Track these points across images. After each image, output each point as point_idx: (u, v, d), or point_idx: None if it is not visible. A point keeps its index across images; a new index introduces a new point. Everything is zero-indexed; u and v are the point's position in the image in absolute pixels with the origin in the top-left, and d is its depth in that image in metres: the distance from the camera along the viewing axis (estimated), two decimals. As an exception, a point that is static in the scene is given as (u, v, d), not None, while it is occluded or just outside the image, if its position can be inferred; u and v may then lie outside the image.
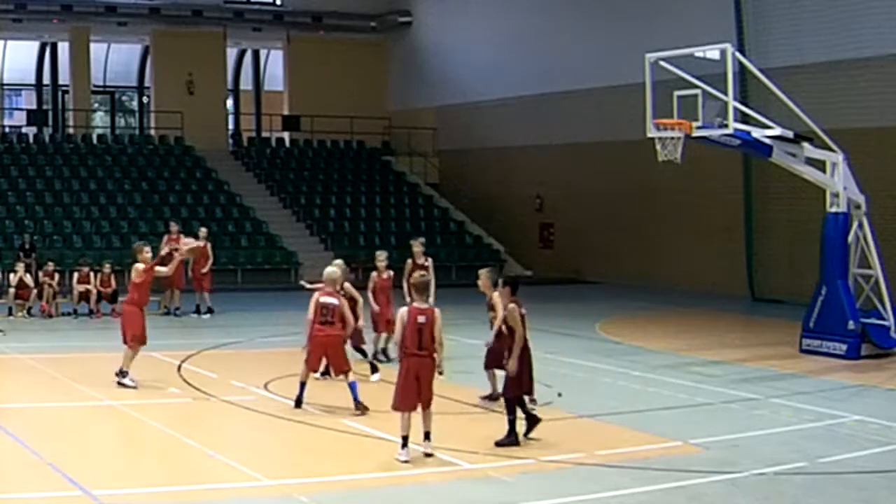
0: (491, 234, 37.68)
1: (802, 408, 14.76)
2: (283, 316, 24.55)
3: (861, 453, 12.17)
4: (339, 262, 16.06)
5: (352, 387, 14.10)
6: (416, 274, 14.37)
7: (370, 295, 18.16)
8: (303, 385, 14.26)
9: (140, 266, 15.94)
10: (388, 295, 18.43)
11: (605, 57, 33.06)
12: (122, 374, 15.57)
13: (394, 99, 43.26)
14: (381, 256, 18.48)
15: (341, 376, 14.44)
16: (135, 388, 15.35)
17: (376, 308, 18.24)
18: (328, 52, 41.72)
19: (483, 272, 14.23)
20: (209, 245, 24.96)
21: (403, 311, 11.82)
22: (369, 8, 42.48)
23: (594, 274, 34.10)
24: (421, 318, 11.61)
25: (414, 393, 11.58)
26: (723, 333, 23.12)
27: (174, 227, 25.67)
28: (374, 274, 18.48)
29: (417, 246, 18.57)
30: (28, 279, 24.83)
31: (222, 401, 14.68)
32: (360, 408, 13.92)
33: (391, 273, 18.47)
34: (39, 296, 24.52)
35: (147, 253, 16.16)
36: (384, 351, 18.19)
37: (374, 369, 16.69)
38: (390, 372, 16.28)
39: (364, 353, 17.20)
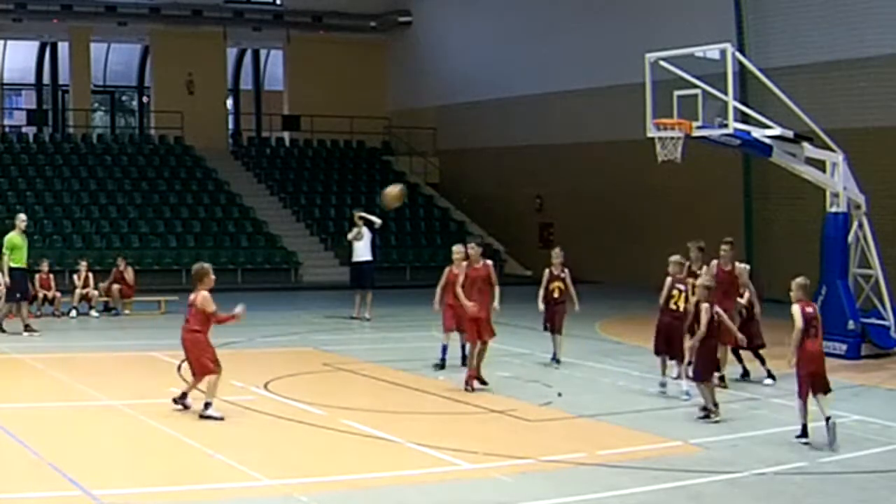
0: (491, 234, 37.63)
1: (802, 408, 14.74)
2: (283, 316, 24.53)
3: (861, 453, 12.16)
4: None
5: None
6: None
7: (459, 290, 15.91)
8: None
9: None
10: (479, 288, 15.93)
11: (605, 57, 33.03)
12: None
13: (393, 99, 43.23)
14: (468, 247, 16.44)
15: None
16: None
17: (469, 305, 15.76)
18: (328, 52, 41.70)
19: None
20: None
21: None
22: (369, 8, 42.45)
23: (594, 274, 34.05)
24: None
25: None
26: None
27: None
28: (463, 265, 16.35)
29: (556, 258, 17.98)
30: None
31: (222, 401, 14.65)
32: None
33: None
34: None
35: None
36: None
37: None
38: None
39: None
